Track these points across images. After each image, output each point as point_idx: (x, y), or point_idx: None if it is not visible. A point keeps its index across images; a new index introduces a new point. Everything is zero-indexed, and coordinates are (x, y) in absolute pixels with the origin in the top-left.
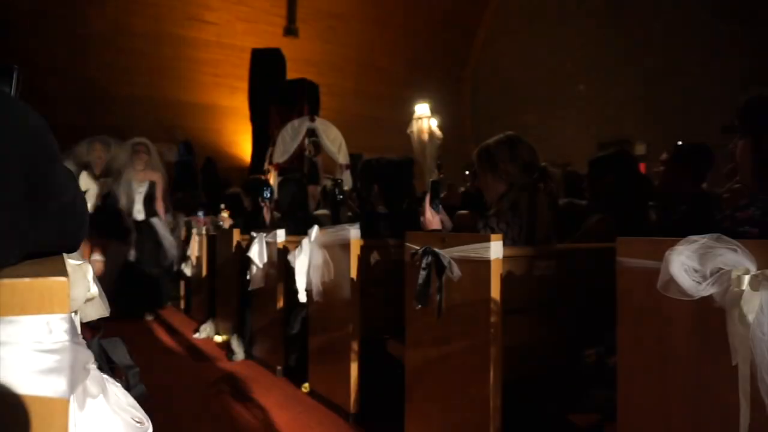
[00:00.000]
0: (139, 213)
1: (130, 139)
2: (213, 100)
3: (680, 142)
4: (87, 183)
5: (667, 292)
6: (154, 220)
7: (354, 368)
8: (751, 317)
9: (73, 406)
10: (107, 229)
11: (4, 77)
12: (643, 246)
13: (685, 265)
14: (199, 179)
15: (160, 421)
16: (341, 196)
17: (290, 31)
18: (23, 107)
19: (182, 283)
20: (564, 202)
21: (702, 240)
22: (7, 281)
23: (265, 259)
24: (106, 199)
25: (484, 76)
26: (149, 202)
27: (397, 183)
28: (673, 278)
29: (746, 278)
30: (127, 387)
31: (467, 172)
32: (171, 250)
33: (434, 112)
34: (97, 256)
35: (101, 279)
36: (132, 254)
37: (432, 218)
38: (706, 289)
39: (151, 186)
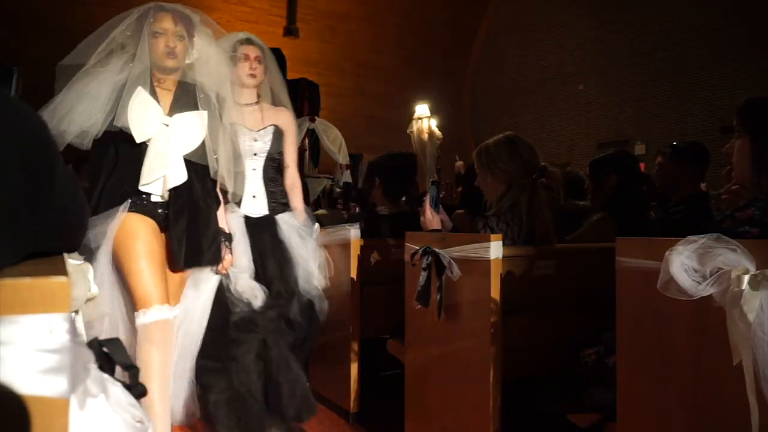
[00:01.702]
0: (254, 202)
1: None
2: None
3: (675, 143)
4: (151, 119)
5: (667, 292)
6: (286, 220)
7: (354, 368)
8: (751, 317)
9: (73, 405)
10: (192, 239)
11: (4, 78)
12: (643, 246)
13: (685, 265)
14: None
15: None
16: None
17: (290, 31)
18: (23, 107)
19: None
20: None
21: (702, 240)
22: (7, 281)
23: None
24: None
25: (484, 76)
26: (272, 172)
27: (397, 176)
28: (673, 278)
29: (746, 278)
30: (128, 387)
31: (455, 176)
32: (310, 281)
33: (434, 112)
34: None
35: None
36: (240, 287)
37: (432, 218)
38: (706, 289)
39: (276, 136)
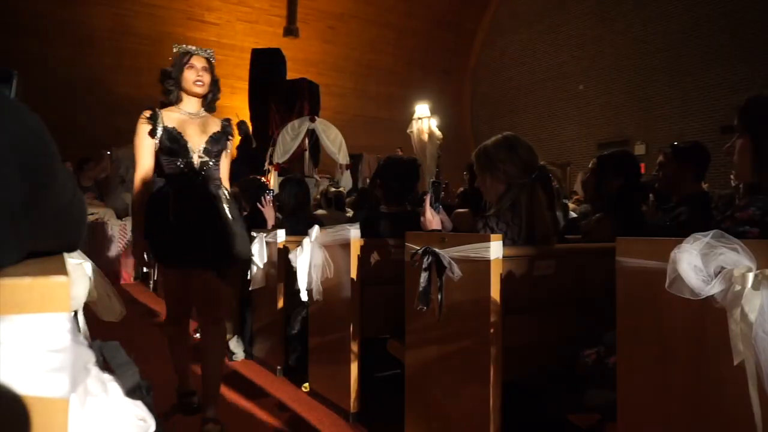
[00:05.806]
0: None
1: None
2: None
3: (676, 143)
4: None
5: (675, 291)
6: None
7: (354, 368)
8: (752, 317)
9: (73, 405)
10: None
11: (3, 82)
12: (643, 246)
13: (692, 263)
14: None
15: (159, 421)
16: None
17: (290, 31)
18: (22, 108)
19: None
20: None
21: (705, 239)
22: (7, 281)
23: (266, 259)
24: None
25: (484, 76)
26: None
27: (399, 180)
28: (680, 277)
29: (748, 277)
30: (129, 387)
31: (465, 174)
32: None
33: (434, 112)
34: None
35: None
36: None
37: (432, 218)
38: (712, 289)
39: None
